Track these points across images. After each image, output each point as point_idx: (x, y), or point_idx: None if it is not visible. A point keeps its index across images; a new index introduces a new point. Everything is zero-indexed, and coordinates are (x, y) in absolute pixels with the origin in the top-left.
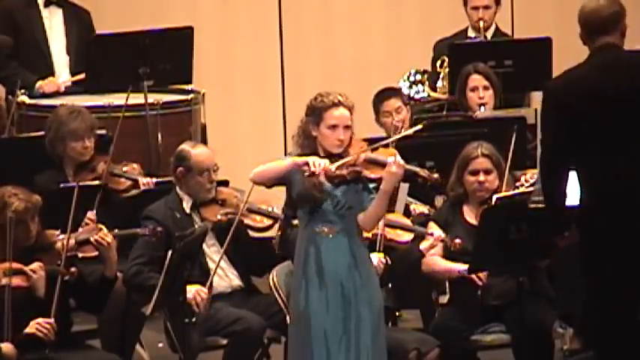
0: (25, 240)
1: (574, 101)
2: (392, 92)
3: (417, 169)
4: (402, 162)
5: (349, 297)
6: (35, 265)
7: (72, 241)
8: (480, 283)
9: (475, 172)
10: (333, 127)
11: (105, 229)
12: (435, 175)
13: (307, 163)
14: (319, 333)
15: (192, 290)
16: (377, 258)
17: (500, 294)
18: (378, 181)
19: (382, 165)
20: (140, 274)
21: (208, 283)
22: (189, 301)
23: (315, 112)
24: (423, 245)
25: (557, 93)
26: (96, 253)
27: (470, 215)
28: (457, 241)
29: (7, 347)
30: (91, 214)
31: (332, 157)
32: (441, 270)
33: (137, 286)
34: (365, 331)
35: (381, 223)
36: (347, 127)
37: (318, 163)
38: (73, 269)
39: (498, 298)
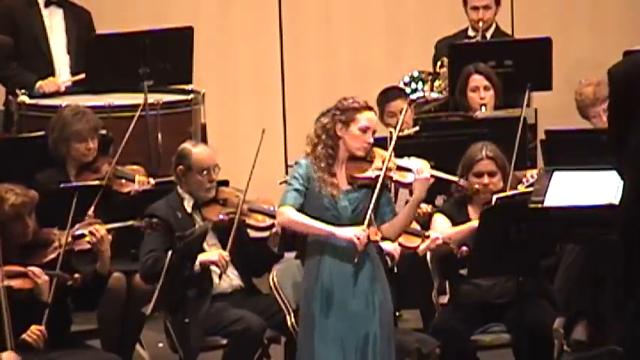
0: (22, 236)
1: (622, 86)
2: (398, 93)
3: (454, 178)
4: (430, 171)
5: (367, 303)
6: (36, 269)
7: (69, 238)
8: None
9: (479, 174)
10: (365, 129)
11: (99, 222)
12: (476, 186)
13: (352, 240)
14: (336, 340)
15: (216, 254)
16: (392, 247)
17: (501, 293)
18: (409, 186)
19: (408, 170)
20: (159, 260)
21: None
22: (215, 262)
23: (347, 112)
24: (421, 247)
25: (613, 75)
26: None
27: (475, 216)
28: (464, 248)
29: (9, 355)
30: (91, 212)
31: (354, 159)
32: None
33: (159, 272)
34: (379, 336)
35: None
36: (374, 132)
37: (363, 237)
38: (77, 275)
39: (499, 297)
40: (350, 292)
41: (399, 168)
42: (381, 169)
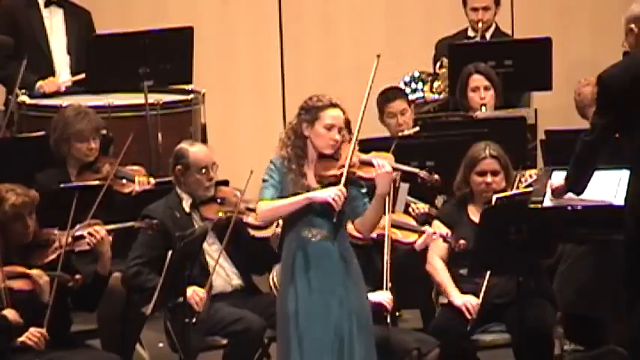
0: (23, 236)
1: (627, 85)
2: (397, 93)
3: (416, 170)
4: (392, 164)
5: (341, 302)
6: (37, 271)
7: (69, 238)
8: (469, 317)
9: (482, 173)
10: (330, 126)
11: (99, 223)
12: (436, 177)
13: (328, 202)
14: (310, 338)
15: (190, 291)
16: (384, 295)
17: (500, 293)
18: (371, 181)
19: (371, 165)
20: (140, 275)
21: (208, 283)
22: (188, 299)
23: (311, 111)
24: (418, 242)
25: (611, 79)
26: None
27: (475, 215)
28: (462, 241)
29: (11, 312)
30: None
31: (323, 157)
32: (437, 283)
33: (137, 287)
34: (357, 336)
35: (387, 224)
36: (340, 129)
37: (339, 197)
38: (78, 276)
39: (499, 297)
40: (323, 290)
41: (363, 163)
42: (344, 165)
